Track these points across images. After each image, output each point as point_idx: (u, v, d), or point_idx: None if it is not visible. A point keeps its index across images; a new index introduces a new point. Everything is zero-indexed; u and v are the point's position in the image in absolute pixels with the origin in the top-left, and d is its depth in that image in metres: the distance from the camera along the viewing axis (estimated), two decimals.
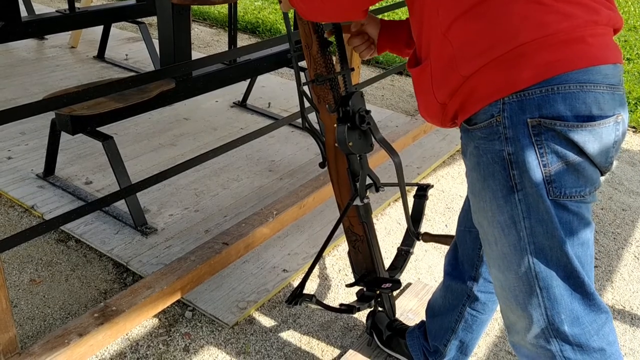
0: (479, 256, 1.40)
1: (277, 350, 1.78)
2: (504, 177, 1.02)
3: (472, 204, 1.14)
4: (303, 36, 1.41)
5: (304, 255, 2.18)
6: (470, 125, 1.06)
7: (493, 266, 1.13)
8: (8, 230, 2.20)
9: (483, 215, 1.10)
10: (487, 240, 1.12)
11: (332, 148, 1.51)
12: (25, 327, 1.79)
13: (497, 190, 1.03)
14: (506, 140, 1.00)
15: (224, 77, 2.58)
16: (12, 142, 2.78)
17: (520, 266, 1.06)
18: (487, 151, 1.03)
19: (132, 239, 2.16)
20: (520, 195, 1.01)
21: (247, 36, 5.07)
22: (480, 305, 1.47)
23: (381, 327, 1.75)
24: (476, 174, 1.07)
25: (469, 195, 1.15)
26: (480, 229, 1.14)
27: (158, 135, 2.96)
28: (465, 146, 1.11)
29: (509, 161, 1.00)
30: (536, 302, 1.07)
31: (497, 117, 1.00)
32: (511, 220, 1.03)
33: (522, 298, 1.08)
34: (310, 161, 2.83)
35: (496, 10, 0.98)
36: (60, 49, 4.07)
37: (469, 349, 1.56)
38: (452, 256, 1.48)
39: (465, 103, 1.05)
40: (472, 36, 1.00)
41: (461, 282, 1.46)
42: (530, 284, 1.06)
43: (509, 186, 1.02)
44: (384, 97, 3.85)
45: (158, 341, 1.78)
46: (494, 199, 1.05)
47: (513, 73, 0.97)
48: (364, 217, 1.57)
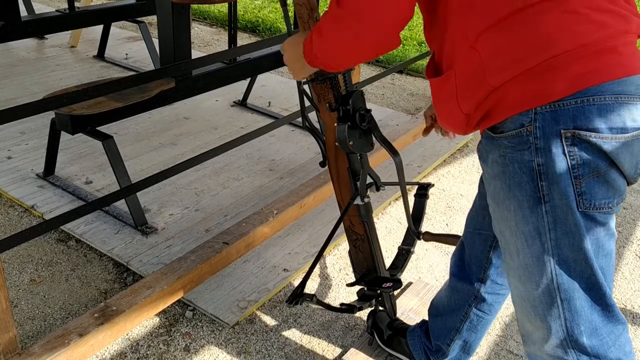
0: (488, 258, 1.39)
1: (278, 349, 1.78)
2: (531, 187, 1.00)
3: (492, 211, 1.13)
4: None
5: (304, 254, 2.17)
6: (496, 132, 1.04)
7: (513, 276, 1.12)
8: (8, 230, 2.20)
9: (505, 225, 1.08)
10: (508, 249, 1.11)
11: (333, 147, 1.50)
12: (25, 327, 1.79)
13: (523, 200, 1.02)
14: (536, 151, 0.98)
15: (224, 76, 2.58)
16: (12, 142, 2.78)
17: (542, 277, 1.05)
18: (514, 160, 1.01)
19: (133, 239, 2.16)
20: (547, 207, 1.00)
21: (247, 35, 5.07)
22: (486, 306, 1.46)
23: (382, 327, 1.75)
24: (500, 183, 1.06)
25: (489, 202, 1.13)
26: (501, 237, 1.12)
27: (158, 135, 2.96)
28: (487, 153, 1.09)
29: (537, 172, 0.99)
30: (556, 314, 1.06)
31: (528, 126, 0.98)
32: (536, 232, 1.02)
33: (541, 309, 1.08)
34: (311, 160, 2.83)
35: (529, 21, 0.96)
36: (60, 49, 4.06)
37: (472, 348, 1.56)
38: (459, 257, 1.48)
39: (491, 111, 1.03)
40: (503, 47, 0.98)
41: (468, 283, 1.45)
42: (552, 295, 1.05)
43: (536, 197, 1.00)
44: (385, 96, 3.85)
45: (158, 341, 1.78)
46: (519, 209, 1.03)
47: (546, 84, 0.95)
48: (365, 216, 1.57)
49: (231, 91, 3.43)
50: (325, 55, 1.16)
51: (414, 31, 5.32)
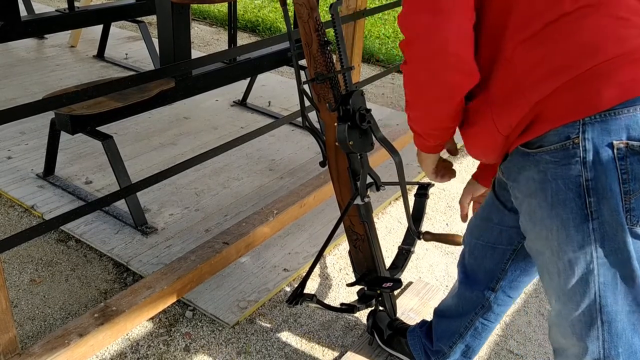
0: (503, 270, 1.35)
1: (278, 349, 1.78)
2: (578, 205, 0.94)
3: (528, 230, 1.07)
4: (303, 35, 1.40)
5: (304, 254, 2.17)
6: (532, 148, 0.98)
7: (552, 296, 1.07)
8: (8, 230, 2.19)
9: (545, 244, 1.02)
10: (547, 269, 1.05)
11: (333, 147, 1.50)
12: (25, 327, 1.79)
13: (569, 219, 0.96)
14: (584, 165, 0.92)
15: (224, 76, 2.58)
16: (12, 142, 2.78)
17: (584, 298, 1.00)
18: (558, 177, 0.95)
19: (132, 239, 2.16)
20: (595, 224, 0.94)
21: (247, 35, 5.07)
22: (493, 315, 1.45)
23: (382, 327, 1.75)
24: (539, 201, 0.99)
25: (523, 221, 1.07)
26: (538, 257, 1.07)
27: (158, 135, 2.95)
28: (518, 171, 1.03)
29: (585, 188, 0.93)
30: (595, 335, 1.02)
31: (575, 139, 0.92)
32: (581, 251, 0.96)
33: (579, 329, 1.03)
34: (311, 160, 2.83)
35: (568, 29, 0.91)
36: (60, 49, 4.06)
37: (473, 353, 1.55)
38: (463, 265, 1.45)
39: (531, 125, 0.97)
40: (542, 58, 0.93)
41: (476, 292, 1.42)
42: (592, 316, 1.00)
43: (583, 214, 0.94)
44: (385, 96, 3.85)
45: (158, 341, 1.78)
46: (563, 229, 0.97)
47: (594, 92, 0.90)
48: (365, 216, 1.57)
49: (231, 91, 3.42)
50: (420, 122, 1.13)
51: None
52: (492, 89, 1.00)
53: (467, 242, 1.42)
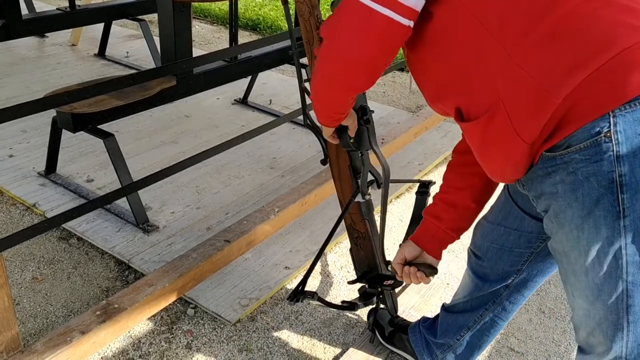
0: (520, 270, 1.35)
1: (280, 347, 1.78)
2: (610, 202, 0.92)
3: (555, 232, 1.04)
4: (304, 33, 1.41)
5: (305, 252, 2.18)
6: (559, 150, 0.94)
7: (579, 297, 1.06)
8: (10, 229, 2.20)
9: (574, 245, 1.00)
10: (572, 270, 1.03)
11: (334, 145, 1.50)
12: (27, 324, 1.80)
13: (600, 217, 0.93)
14: (617, 159, 0.89)
15: (225, 74, 2.58)
16: (14, 140, 2.78)
17: (611, 297, 0.99)
18: (590, 174, 0.91)
19: (134, 237, 2.16)
20: (627, 222, 0.92)
21: (248, 33, 5.07)
22: (504, 313, 1.44)
23: (383, 324, 1.75)
24: (570, 202, 0.96)
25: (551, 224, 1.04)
26: (564, 258, 1.05)
27: (159, 133, 2.96)
28: (544, 176, 0.99)
29: (618, 183, 0.90)
30: (620, 335, 1.02)
31: (607, 132, 0.88)
32: (611, 249, 0.95)
33: (606, 328, 1.03)
34: (312, 158, 2.83)
35: (579, 23, 0.88)
36: (61, 47, 4.06)
37: (480, 348, 1.54)
38: (476, 269, 1.44)
39: (557, 128, 0.93)
40: (558, 56, 0.89)
41: (488, 290, 1.42)
42: (619, 315, 1.00)
43: (615, 212, 0.92)
44: (386, 94, 3.85)
45: (160, 339, 1.78)
46: (594, 228, 0.95)
47: (618, 82, 0.86)
48: (366, 213, 1.57)
49: (232, 89, 3.43)
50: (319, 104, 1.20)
51: None
52: (507, 102, 0.95)
53: (478, 245, 1.41)
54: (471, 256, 1.45)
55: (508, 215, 1.30)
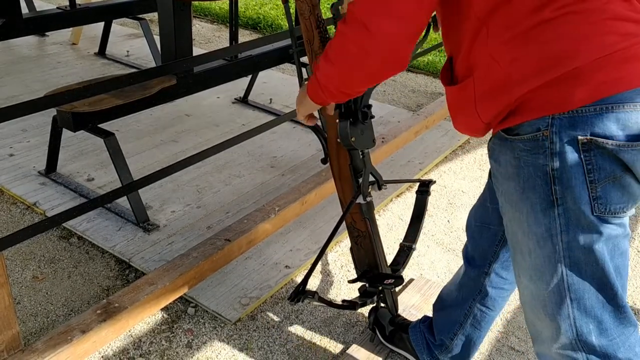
0: (495, 252, 1.41)
1: (280, 346, 1.78)
2: (545, 191, 1.01)
3: (505, 211, 1.14)
4: (305, 32, 1.40)
5: (306, 251, 2.18)
6: (510, 134, 1.05)
7: (524, 276, 1.13)
8: (10, 227, 2.20)
9: (518, 225, 1.10)
10: (519, 250, 1.12)
11: (334, 144, 1.50)
12: (28, 323, 1.80)
13: (536, 203, 1.03)
14: (552, 156, 0.99)
15: (225, 73, 2.58)
16: (14, 139, 2.78)
17: (552, 277, 1.06)
18: (529, 164, 1.02)
19: (135, 236, 2.16)
20: (560, 210, 1.01)
21: (249, 32, 5.06)
22: (490, 301, 1.48)
23: (384, 323, 1.75)
24: (514, 184, 1.07)
25: (501, 202, 1.14)
26: (512, 237, 1.14)
27: (159, 132, 2.96)
28: (499, 153, 1.10)
29: (551, 176, 1.00)
30: (565, 313, 1.08)
31: (545, 131, 0.99)
32: (548, 233, 1.04)
33: (551, 308, 1.09)
34: (312, 157, 2.83)
35: (554, 32, 0.96)
36: (61, 46, 4.06)
37: (475, 345, 1.56)
38: (467, 251, 1.50)
39: (510, 115, 1.04)
40: (528, 57, 0.98)
41: (473, 277, 1.47)
42: (562, 294, 1.06)
43: (549, 200, 1.01)
44: (386, 93, 3.84)
45: (161, 337, 1.78)
46: (532, 212, 1.05)
47: (568, 92, 0.96)
48: (367, 213, 1.57)
49: (232, 88, 3.43)
50: (331, 80, 1.14)
51: None
52: (476, 80, 1.05)
53: (469, 225, 1.47)
54: (466, 242, 1.51)
55: (488, 190, 1.37)
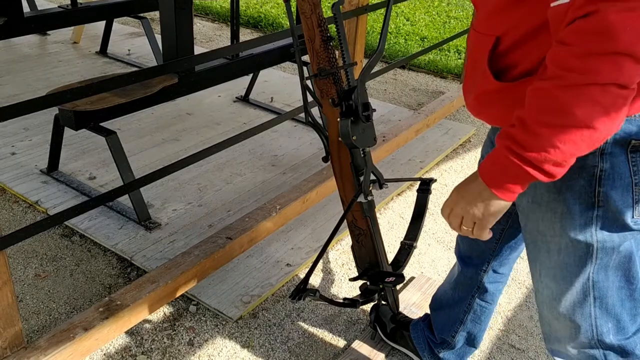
0: (493, 251, 1.41)
1: (281, 344, 1.79)
2: (587, 192, 0.99)
3: (530, 211, 1.09)
4: (306, 30, 1.41)
5: (307, 249, 2.18)
6: None
7: (546, 275, 1.12)
8: (13, 226, 2.21)
9: (548, 225, 1.06)
10: (546, 249, 1.09)
11: (336, 142, 1.50)
12: (30, 321, 1.80)
13: (575, 203, 1.01)
14: (602, 157, 0.96)
15: (226, 71, 2.58)
16: (16, 138, 2.79)
17: (579, 276, 1.06)
18: (573, 165, 0.92)
19: (136, 234, 2.17)
20: (599, 212, 0.99)
21: (250, 31, 5.07)
22: (488, 296, 1.49)
23: (385, 321, 1.76)
24: (548, 185, 1.03)
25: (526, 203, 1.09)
26: (538, 236, 1.10)
27: (161, 131, 2.96)
28: None
29: (597, 177, 0.97)
30: (587, 312, 1.08)
31: None
32: (582, 234, 1.02)
33: (572, 307, 1.09)
34: (314, 155, 2.83)
35: None
36: (63, 45, 4.07)
37: (476, 340, 1.58)
38: (461, 252, 1.50)
39: None
40: None
41: (470, 275, 1.48)
42: (586, 293, 1.07)
43: (590, 202, 0.99)
44: (387, 91, 3.85)
45: (163, 335, 1.79)
46: (568, 213, 1.02)
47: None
48: (368, 211, 1.57)
49: (233, 87, 3.43)
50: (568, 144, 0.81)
51: (416, 26, 5.31)
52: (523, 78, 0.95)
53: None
54: (458, 242, 1.51)
55: None
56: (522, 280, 2.14)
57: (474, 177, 0.96)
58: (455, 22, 5.47)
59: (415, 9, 5.90)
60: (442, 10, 5.91)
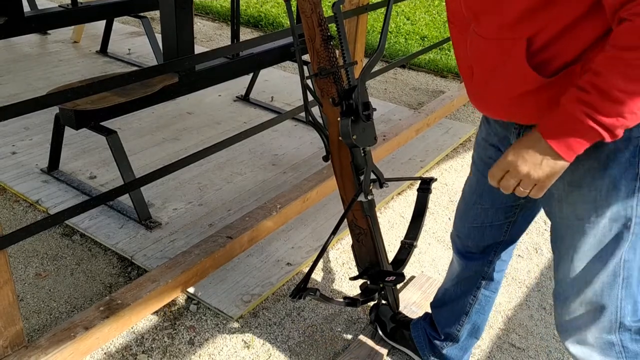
0: (501, 242, 1.42)
1: (282, 343, 1.79)
2: (631, 163, 0.99)
3: (567, 195, 1.07)
4: (306, 29, 1.41)
5: (307, 248, 2.18)
6: None
7: (579, 259, 1.10)
8: (13, 225, 2.21)
9: (589, 207, 1.05)
10: (582, 232, 1.08)
11: (336, 141, 1.51)
12: (31, 320, 1.81)
13: (620, 177, 1.00)
14: None
15: (226, 71, 2.58)
16: (16, 137, 2.79)
17: (613, 256, 1.06)
18: (619, 138, 0.94)
19: (137, 233, 2.17)
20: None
21: (250, 30, 5.07)
22: (493, 284, 1.51)
23: (385, 320, 1.76)
24: (591, 164, 1.01)
25: (563, 188, 1.06)
26: (574, 221, 1.08)
27: (161, 130, 2.96)
28: None
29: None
30: (615, 294, 1.09)
31: None
32: (624, 209, 1.02)
33: (601, 289, 1.10)
34: (314, 155, 2.84)
35: None
36: (63, 44, 4.07)
37: (479, 330, 1.59)
38: (461, 250, 1.50)
39: None
40: None
41: (475, 268, 1.48)
42: (616, 274, 1.07)
43: (634, 174, 1.00)
44: (387, 91, 3.85)
45: (163, 334, 1.79)
46: (614, 188, 1.01)
47: None
48: (368, 211, 1.57)
49: (234, 86, 3.43)
50: None
51: (417, 25, 5.31)
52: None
53: (459, 228, 1.47)
54: (455, 240, 1.51)
55: (482, 194, 1.36)
56: (522, 280, 2.14)
57: (533, 140, 0.96)
58: None
59: (415, 8, 5.90)
60: (442, 10, 5.90)
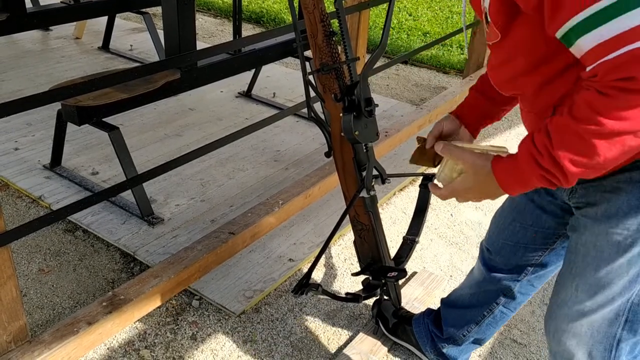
0: (534, 265, 1.36)
1: (284, 338, 1.80)
2: None
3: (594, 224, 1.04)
4: (308, 25, 1.41)
5: (309, 244, 2.19)
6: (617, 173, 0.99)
7: (584, 291, 1.08)
8: (16, 221, 2.22)
9: (611, 241, 1.02)
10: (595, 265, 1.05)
11: (338, 137, 1.51)
12: (34, 315, 1.81)
13: None
14: None
15: (228, 67, 2.58)
16: (19, 133, 2.79)
17: (621, 296, 1.03)
18: None
19: (139, 229, 2.17)
20: None
21: (252, 26, 5.06)
22: (514, 304, 1.46)
23: (387, 315, 1.76)
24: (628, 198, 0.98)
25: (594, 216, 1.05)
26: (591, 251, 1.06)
27: (163, 126, 2.97)
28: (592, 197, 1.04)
29: None
30: (612, 333, 1.06)
31: None
32: None
33: (598, 325, 1.07)
34: (316, 151, 2.84)
35: None
36: (65, 40, 4.07)
37: (484, 340, 1.57)
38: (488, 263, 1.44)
39: None
40: None
41: (500, 284, 1.43)
42: (619, 313, 1.04)
43: None
44: (389, 87, 3.84)
45: (166, 330, 1.80)
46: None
47: None
48: (370, 206, 1.57)
49: (236, 82, 3.43)
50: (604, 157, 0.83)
51: (419, 21, 5.30)
52: None
53: (492, 241, 1.41)
54: (484, 251, 1.45)
55: (523, 212, 1.30)
56: None
57: (488, 178, 0.99)
58: (458, 17, 5.46)
59: (417, 4, 5.89)
60: (444, 6, 5.89)
